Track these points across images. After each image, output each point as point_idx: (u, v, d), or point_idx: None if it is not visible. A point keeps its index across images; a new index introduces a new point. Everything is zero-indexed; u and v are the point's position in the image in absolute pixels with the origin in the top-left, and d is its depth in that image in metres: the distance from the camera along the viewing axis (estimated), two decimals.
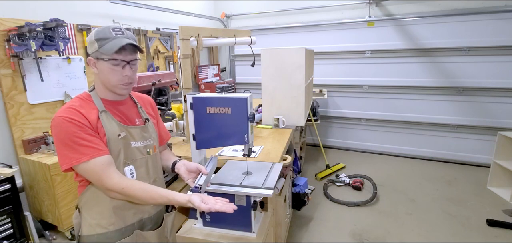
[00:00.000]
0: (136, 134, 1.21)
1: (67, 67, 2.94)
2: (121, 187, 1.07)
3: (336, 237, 2.70)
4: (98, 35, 1.08)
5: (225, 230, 1.60)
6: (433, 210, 3.09)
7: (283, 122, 2.81)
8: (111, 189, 1.07)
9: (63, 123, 1.04)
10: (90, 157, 1.04)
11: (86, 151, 1.04)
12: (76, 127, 1.04)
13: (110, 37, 1.08)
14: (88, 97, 1.15)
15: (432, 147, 4.45)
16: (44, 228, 2.70)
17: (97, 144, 1.07)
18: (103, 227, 1.15)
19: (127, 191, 1.07)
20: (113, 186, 1.06)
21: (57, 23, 2.60)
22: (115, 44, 1.07)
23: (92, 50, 1.10)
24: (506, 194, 3.24)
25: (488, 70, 3.93)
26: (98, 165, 1.05)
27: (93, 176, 1.06)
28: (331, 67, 4.85)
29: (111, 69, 1.10)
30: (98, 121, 1.10)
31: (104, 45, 1.07)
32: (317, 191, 3.56)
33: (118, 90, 1.16)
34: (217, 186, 1.51)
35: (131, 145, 1.18)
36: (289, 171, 2.44)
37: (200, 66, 4.83)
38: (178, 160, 1.45)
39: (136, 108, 1.28)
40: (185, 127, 2.48)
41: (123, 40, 1.08)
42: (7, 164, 2.44)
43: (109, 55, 1.07)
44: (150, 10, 3.97)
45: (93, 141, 1.06)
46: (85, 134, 1.05)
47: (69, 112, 1.06)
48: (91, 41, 1.09)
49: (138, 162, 1.21)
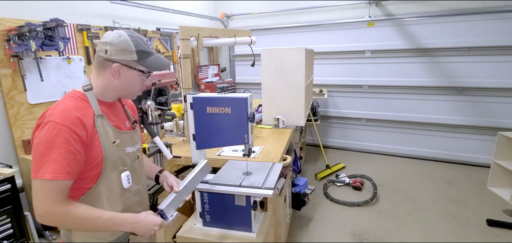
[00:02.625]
0: (129, 139, 1.19)
1: (67, 67, 2.94)
2: (65, 210, 0.97)
3: (336, 237, 2.70)
4: (138, 46, 1.08)
5: (225, 230, 1.60)
6: (433, 210, 3.08)
7: (283, 122, 2.81)
8: (48, 212, 0.96)
9: (54, 129, 0.95)
10: (50, 176, 0.94)
11: (50, 168, 0.94)
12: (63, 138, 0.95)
13: (150, 51, 1.12)
14: (83, 97, 1.07)
15: (432, 147, 4.45)
16: (44, 228, 2.70)
17: (70, 165, 0.97)
18: (100, 238, 1.12)
19: (70, 215, 0.98)
20: (53, 209, 0.96)
21: (57, 23, 2.60)
22: (159, 63, 1.14)
23: (124, 57, 1.06)
24: (506, 194, 3.24)
25: (488, 70, 3.92)
26: (49, 187, 0.94)
27: (35, 194, 0.96)
28: (331, 67, 4.85)
29: (139, 80, 1.13)
30: (93, 126, 1.05)
31: (147, 59, 1.10)
32: (317, 191, 3.55)
33: (131, 96, 1.19)
34: (217, 186, 1.51)
35: (125, 151, 1.16)
36: (289, 171, 2.44)
37: (200, 66, 4.83)
38: (160, 171, 1.41)
39: (123, 109, 1.27)
40: (185, 127, 2.48)
41: (165, 62, 1.17)
42: (7, 164, 2.44)
43: (145, 68, 1.12)
44: (150, 10, 3.97)
45: (67, 160, 0.96)
46: (66, 149, 0.95)
47: (65, 118, 0.97)
48: (125, 49, 1.05)
49: (131, 167, 1.19)
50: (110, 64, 1.07)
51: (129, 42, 1.06)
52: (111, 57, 1.06)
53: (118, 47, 1.05)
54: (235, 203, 1.55)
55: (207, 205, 1.59)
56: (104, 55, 1.06)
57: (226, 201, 1.56)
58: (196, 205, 1.64)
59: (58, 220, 1.00)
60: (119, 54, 1.06)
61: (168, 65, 1.21)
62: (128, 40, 1.06)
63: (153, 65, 1.13)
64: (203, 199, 1.59)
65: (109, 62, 1.07)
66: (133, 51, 1.07)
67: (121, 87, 1.12)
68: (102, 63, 1.08)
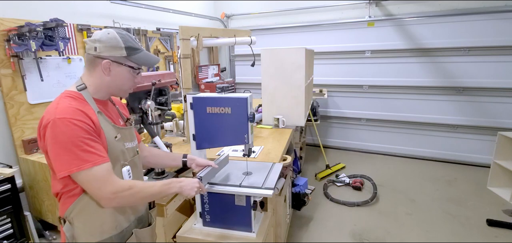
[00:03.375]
0: (128, 134, 1.23)
1: (67, 67, 2.94)
2: (128, 186, 1.07)
3: (336, 237, 2.70)
4: (127, 42, 1.11)
5: (225, 230, 1.60)
6: (433, 210, 3.08)
7: (283, 122, 2.81)
8: (115, 191, 1.03)
9: (68, 125, 0.97)
10: (92, 164, 0.99)
11: (89, 158, 0.99)
12: (81, 131, 0.99)
13: (139, 48, 1.15)
14: (80, 96, 1.08)
15: (432, 147, 4.44)
16: (44, 228, 2.70)
17: (99, 150, 1.03)
18: (106, 232, 1.13)
19: (133, 189, 1.08)
20: (117, 188, 1.04)
21: (57, 23, 2.60)
22: (148, 59, 1.17)
23: (113, 53, 1.09)
24: (506, 194, 3.24)
25: (488, 70, 3.92)
26: (100, 172, 1.01)
27: (94, 183, 1.01)
28: (331, 67, 4.85)
29: (129, 76, 1.16)
30: (98, 121, 1.07)
31: (135, 55, 1.13)
32: (317, 191, 3.55)
33: (123, 94, 1.22)
34: (217, 186, 1.51)
35: (125, 146, 1.19)
36: (289, 171, 2.44)
37: (200, 66, 4.83)
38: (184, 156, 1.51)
39: (115, 108, 1.28)
40: (185, 127, 2.48)
41: (153, 58, 1.20)
42: (7, 164, 2.44)
43: (135, 64, 1.14)
44: (150, 10, 3.97)
45: (95, 147, 1.02)
46: (88, 139, 1.01)
47: (74, 113, 1.00)
48: (114, 46, 1.08)
49: (131, 162, 1.22)
50: (100, 61, 1.09)
51: (118, 39, 1.09)
52: (100, 54, 1.08)
53: (107, 44, 1.08)
54: (235, 203, 1.55)
55: (207, 205, 1.59)
56: (94, 52, 1.08)
57: (226, 201, 1.56)
58: (196, 205, 1.64)
59: (125, 196, 1.06)
60: (108, 51, 1.08)
61: (157, 61, 1.23)
62: (116, 37, 1.09)
63: (142, 60, 1.16)
64: (203, 199, 1.59)
65: (99, 59, 1.09)
66: (122, 47, 1.09)
67: (112, 85, 1.14)
68: (92, 61, 1.10)
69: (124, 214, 1.19)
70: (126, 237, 1.19)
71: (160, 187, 1.16)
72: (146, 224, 1.33)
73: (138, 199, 1.13)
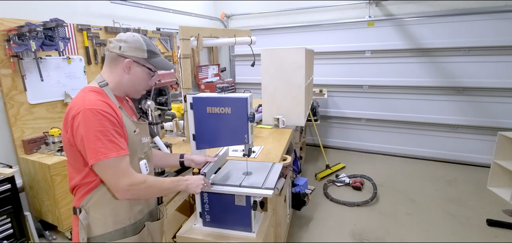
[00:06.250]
0: (144, 129, 1.30)
1: (67, 67, 2.94)
2: (142, 179, 1.11)
3: (336, 237, 2.70)
4: (149, 46, 1.21)
5: (225, 230, 1.60)
6: (433, 210, 3.08)
7: (283, 122, 2.81)
8: (131, 184, 1.08)
9: (97, 115, 1.03)
10: (117, 154, 1.05)
11: (114, 148, 1.05)
12: (109, 122, 1.06)
13: (158, 53, 1.25)
14: (102, 92, 1.15)
15: (432, 147, 4.44)
16: (44, 228, 2.70)
17: (122, 143, 1.09)
18: (120, 222, 1.18)
19: (146, 183, 1.12)
20: (133, 180, 1.09)
21: (57, 23, 2.60)
22: (164, 64, 1.27)
23: (135, 54, 1.17)
24: (506, 194, 3.24)
25: (488, 70, 3.92)
26: (121, 163, 1.07)
27: (114, 174, 1.06)
28: (331, 67, 4.85)
29: (146, 77, 1.24)
30: (121, 115, 1.14)
31: (154, 58, 1.23)
32: (317, 191, 3.55)
33: (137, 94, 1.28)
34: (217, 186, 1.51)
35: (142, 140, 1.26)
36: (289, 171, 2.44)
37: (200, 66, 4.83)
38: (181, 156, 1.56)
39: (129, 105, 1.34)
40: (185, 127, 2.48)
41: (169, 64, 1.30)
42: (7, 164, 2.44)
43: (153, 67, 1.23)
44: (150, 10, 3.97)
45: (119, 139, 1.08)
46: (114, 130, 1.07)
47: (102, 105, 1.07)
48: (137, 47, 1.17)
49: (147, 156, 1.28)
50: (122, 60, 1.17)
51: (141, 42, 1.19)
52: (124, 53, 1.16)
53: (132, 44, 1.17)
54: (235, 203, 1.55)
55: (207, 205, 1.59)
56: (118, 51, 1.16)
57: (226, 201, 1.56)
58: (196, 205, 1.64)
59: (139, 189, 1.11)
60: (132, 51, 1.17)
61: (172, 67, 1.34)
62: (140, 40, 1.19)
63: (160, 65, 1.25)
64: (203, 199, 1.59)
65: (122, 57, 1.17)
66: (144, 49, 1.19)
67: (129, 84, 1.21)
68: (114, 59, 1.18)
69: (139, 207, 1.24)
70: (139, 229, 1.24)
71: (169, 183, 1.23)
72: (156, 218, 1.38)
73: (150, 193, 1.19)
